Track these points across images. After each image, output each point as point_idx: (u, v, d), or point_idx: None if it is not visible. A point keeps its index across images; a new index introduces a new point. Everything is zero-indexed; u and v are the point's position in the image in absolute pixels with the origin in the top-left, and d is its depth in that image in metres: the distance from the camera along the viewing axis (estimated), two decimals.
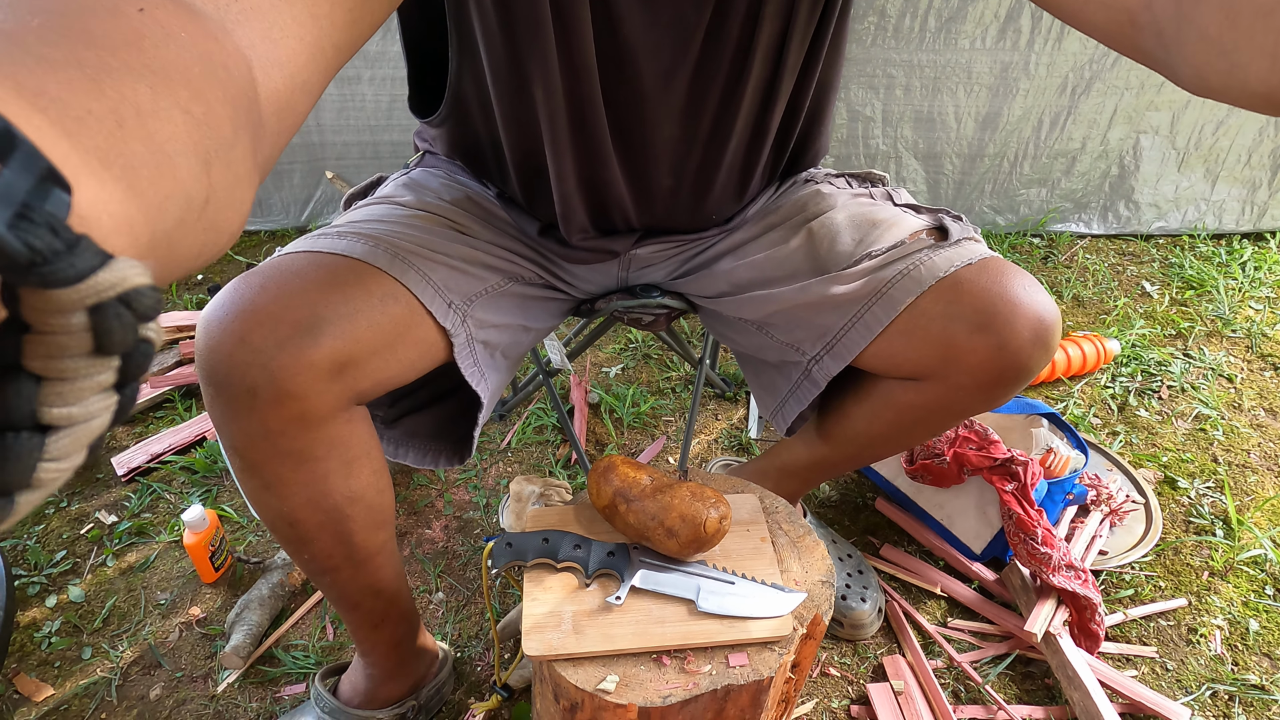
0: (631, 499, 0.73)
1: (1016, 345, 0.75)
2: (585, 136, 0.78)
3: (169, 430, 1.50)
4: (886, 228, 0.86)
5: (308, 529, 0.74)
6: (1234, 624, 1.20)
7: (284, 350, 0.62)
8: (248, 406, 0.64)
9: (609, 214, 0.88)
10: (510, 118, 0.80)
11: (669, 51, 0.74)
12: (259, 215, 2.19)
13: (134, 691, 1.10)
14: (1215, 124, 2.06)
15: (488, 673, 1.11)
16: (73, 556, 1.29)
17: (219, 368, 0.63)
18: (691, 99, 0.78)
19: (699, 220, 0.93)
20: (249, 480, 0.70)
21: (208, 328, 0.64)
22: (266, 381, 0.62)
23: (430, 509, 1.38)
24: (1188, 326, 1.84)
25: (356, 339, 0.67)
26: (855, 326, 0.81)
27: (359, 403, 0.72)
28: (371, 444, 0.75)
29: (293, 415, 0.65)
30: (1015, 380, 0.78)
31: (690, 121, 0.80)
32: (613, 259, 0.94)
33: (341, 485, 0.73)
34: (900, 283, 0.79)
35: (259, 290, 0.64)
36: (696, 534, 0.71)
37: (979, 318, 0.75)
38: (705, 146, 0.83)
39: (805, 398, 0.88)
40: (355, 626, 0.90)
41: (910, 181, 2.13)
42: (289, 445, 0.67)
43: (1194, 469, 1.47)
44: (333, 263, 0.70)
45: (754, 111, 0.82)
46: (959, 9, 1.88)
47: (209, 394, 0.65)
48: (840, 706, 1.08)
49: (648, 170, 0.83)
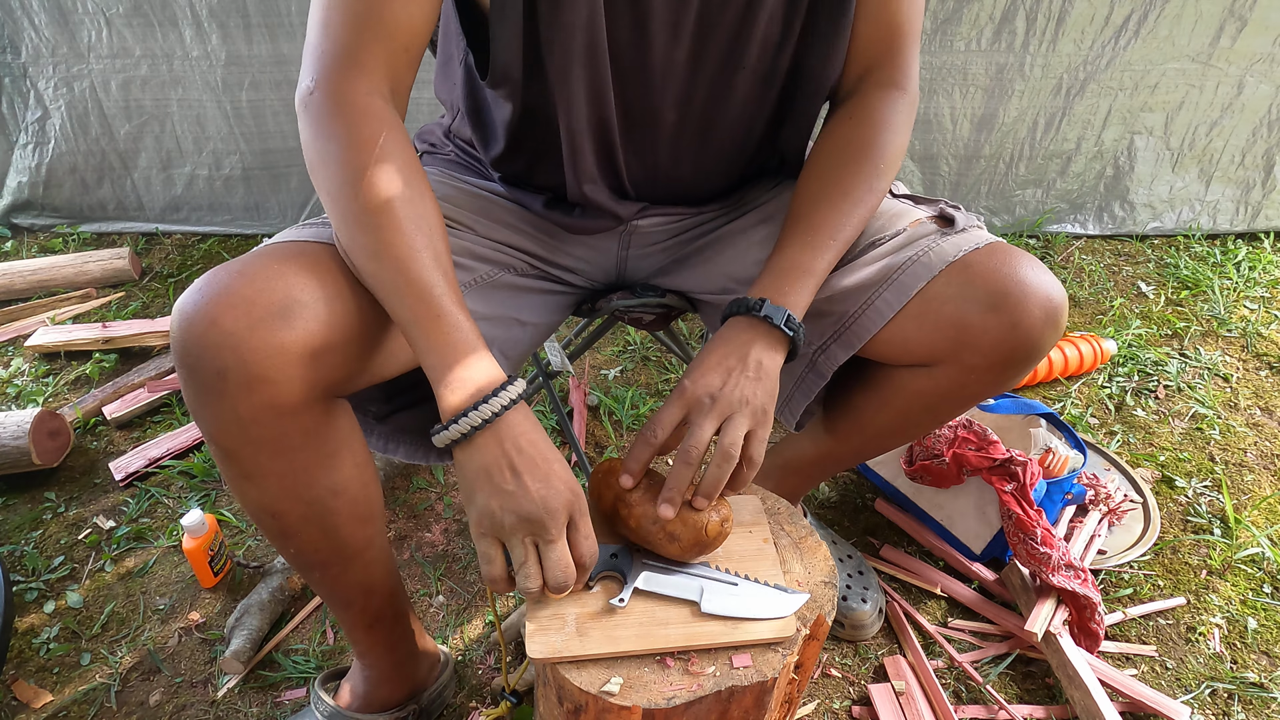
0: (633, 503, 0.73)
1: (1029, 324, 0.75)
2: (593, 59, 0.77)
3: (167, 435, 1.49)
4: (889, 218, 0.86)
5: (291, 521, 0.74)
6: (1232, 622, 1.21)
7: (255, 334, 0.62)
8: (219, 390, 0.63)
9: (613, 158, 0.86)
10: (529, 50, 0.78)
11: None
12: (256, 219, 2.19)
13: (133, 697, 1.09)
14: (1209, 125, 2.07)
15: (489, 676, 1.11)
16: (71, 562, 1.28)
17: (190, 351, 0.63)
18: (702, 23, 0.78)
19: (700, 182, 0.92)
20: (228, 469, 0.70)
21: (182, 312, 0.64)
22: (237, 364, 0.62)
23: (430, 512, 1.38)
24: (1183, 326, 1.85)
25: (333, 325, 0.66)
26: (866, 313, 0.81)
27: (338, 393, 0.71)
28: (353, 437, 0.75)
29: (264, 401, 0.64)
30: (1027, 360, 0.78)
31: (699, 47, 0.79)
32: (615, 228, 0.93)
33: (323, 477, 0.72)
34: (910, 268, 0.80)
35: (236, 275, 0.64)
36: (698, 537, 0.71)
37: (991, 298, 0.76)
38: (713, 81, 0.82)
39: (811, 390, 0.88)
40: (349, 626, 0.90)
41: (907, 183, 2.14)
42: (262, 433, 0.66)
43: (1191, 468, 1.48)
44: (315, 251, 0.70)
45: (767, 52, 0.81)
46: (954, 11, 1.89)
47: (182, 377, 0.65)
48: (842, 707, 1.09)
49: (652, 100, 0.82)
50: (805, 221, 0.81)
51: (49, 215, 2.18)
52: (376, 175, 0.67)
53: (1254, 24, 1.92)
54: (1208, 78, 2.00)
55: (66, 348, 1.70)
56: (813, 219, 0.80)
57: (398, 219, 0.67)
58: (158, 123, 2.05)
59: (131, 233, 2.19)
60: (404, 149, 0.70)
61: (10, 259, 2.06)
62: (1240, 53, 1.96)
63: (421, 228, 0.68)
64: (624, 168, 0.88)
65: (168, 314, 1.86)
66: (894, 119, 0.84)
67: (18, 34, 1.94)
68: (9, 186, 2.14)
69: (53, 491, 1.40)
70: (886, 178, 0.83)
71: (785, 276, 0.78)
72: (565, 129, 0.82)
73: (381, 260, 0.67)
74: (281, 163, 2.11)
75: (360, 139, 0.68)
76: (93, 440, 1.51)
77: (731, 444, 0.70)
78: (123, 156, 2.10)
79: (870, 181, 0.82)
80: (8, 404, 1.60)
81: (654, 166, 0.89)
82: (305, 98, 0.70)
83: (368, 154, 0.67)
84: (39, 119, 2.05)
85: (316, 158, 0.70)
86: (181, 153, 2.09)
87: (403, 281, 0.66)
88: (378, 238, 0.67)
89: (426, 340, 0.66)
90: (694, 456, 0.70)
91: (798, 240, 0.80)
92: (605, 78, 0.78)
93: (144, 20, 1.90)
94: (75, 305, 1.89)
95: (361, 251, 0.68)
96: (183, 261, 2.08)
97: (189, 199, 2.16)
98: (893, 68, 0.85)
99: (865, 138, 0.83)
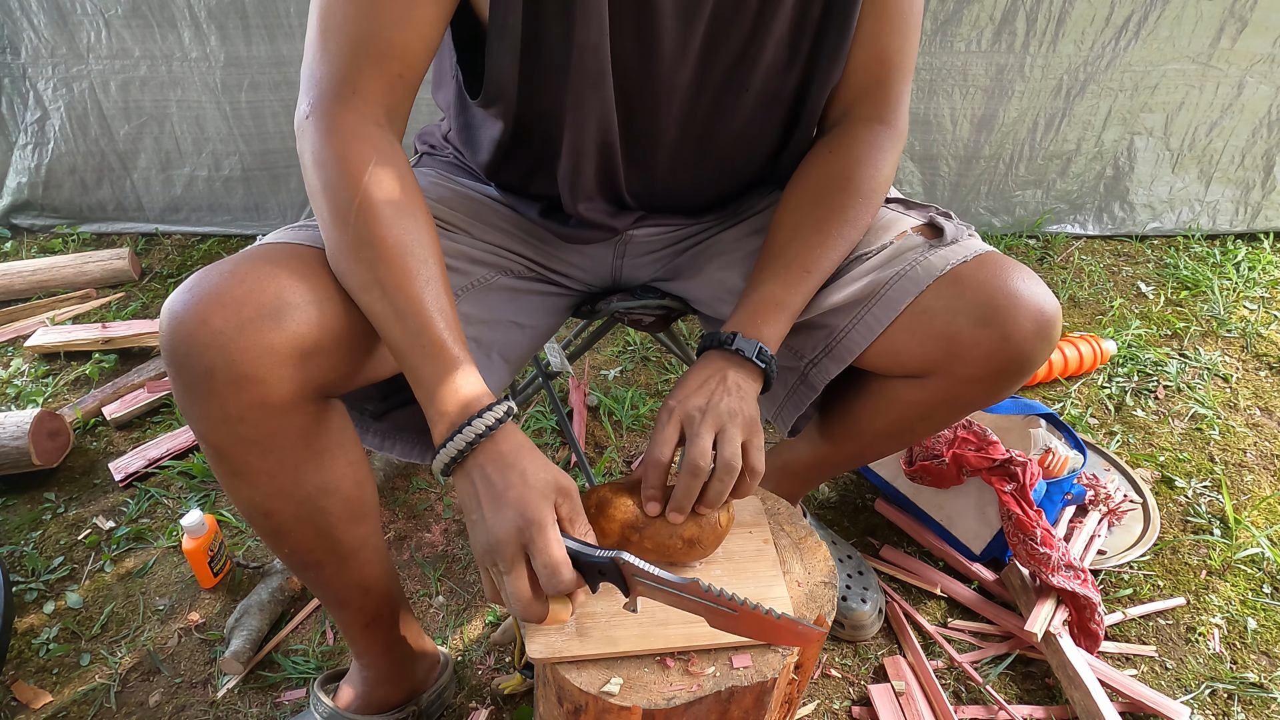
0: (641, 527, 0.73)
1: (1020, 337, 0.75)
2: (601, 80, 0.77)
3: (166, 435, 1.49)
4: (877, 230, 0.86)
5: (283, 520, 0.74)
6: (1232, 622, 1.21)
7: (243, 333, 0.62)
8: (207, 389, 0.63)
9: (614, 176, 0.86)
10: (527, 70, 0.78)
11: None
12: (256, 219, 2.19)
13: (133, 698, 1.09)
14: (1209, 125, 2.07)
15: (489, 676, 1.11)
16: (70, 562, 1.28)
17: (179, 349, 0.63)
18: (708, 45, 0.78)
19: (697, 195, 0.92)
20: (218, 468, 0.70)
21: (171, 311, 0.64)
22: (224, 364, 0.62)
23: (430, 512, 1.38)
24: (1183, 327, 1.85)
25: (323, 327, 0.66)
26: (856, 328, 0.82)
27: (329, 394, 0.71)
28: (346, 436, 0.75)
29: (253, 400, 0.64)
30: (1019, 373, 0.78)
31: (705, 68, 0.79)
32: (611, 239, 0.93)
33: (314, 476, 0.72)
34: (899, 283, 0.80)
35: (226, 275, 0.64)
36: (716, 532, 0.73)
37: (982, 311, 0.75)
38: (716, 102, 0.82)
39: (802, 402, 0.88)
40: (346, 626, 0.90)
41: (906, 184, 2.14)
42: (250, 432, 0.66)
43: (1191, 468, 1.48)
44: (307, 254, 0.70)
45: (772, 75, 0.81)
46: (954, 12, 1.89)
47: (171, 376, 0.65)
48: (842, 707, 1.08)
49: (654, 119, 0.82)
50: (782, 256, 0.81)
51: (49, 216, 2.18)
52: (367, 206, 0.67)
53: (1254, 25, 1.92)
54: (1208, 78, 2.00)
55: (66, 348, 1.70)
56: (788, 254, 0.81)
57: (389, 251, 0.66)
58: (157, 123, 2.05)
59: (131, 233, 2.19)
60: (397, 175, 0.69)
61: (10, 259, 2.06)
62: (1240, 53, 1.96)
63: (412, 254, 0.67)
64: (623, 184, 0.88)
65: None
66: (877, 155, 0.83)
67: (17, 34, 1.94)
68: (9, 187, 2.14)
69: (52, 492, 1.40)
70: (868, 212, 0.83)
71: (759, 310, 0.79)
72: (569, 149, 0.81)
73: (370, 292, 0.67)
74: (281, 163, 2.11)
75: (351, 169, 0.67)
76: (92, 441, 1.51)
77: (733, 455, 0.70)
78: (122, 157, 2.10)
79: (850, 216, 0.82)
80: (7, 404, 1.60)
81: (652, 181, 0.89)
82: (302, 123, 0.70)
83: (357, 183, 0.67)
84: (38, 120, 2.05)
85: (311, 185, 0.70)
86: (181, 153, 2.09)
87: (391, 313, 0.66)
88: (370, 270, 0.66)
89: (414, 373, 0.67)
90: (700, 467, 0.70)
91: (773, 274, 0.80)
92: (611, 99, 0.78)
93: (143, 21, 1.90)
94: (75, 306, 1.89)
95: (352, 280, 0.68)
96: (182, 262, 2.08)
97: (188, 199, 2.16)
98: (880, 102, 0.85)
99: (846, 172, 0.83)
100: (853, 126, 0.85)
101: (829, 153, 0.85)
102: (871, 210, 0.83)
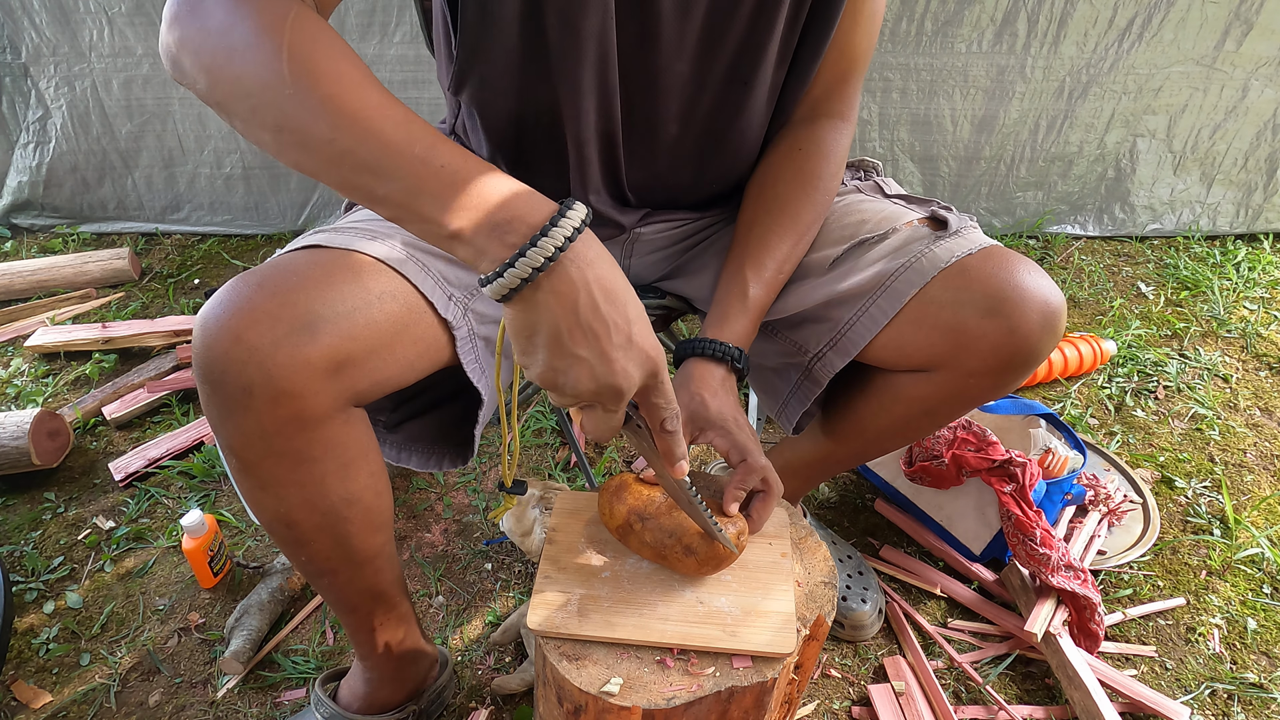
0: (647, 517, 0.72)
1: (1027, 329, 0.75)
2: (604, 67, 0.77)
3: (166, 435, 1.49)
4: (881, 218, 0.87)
5: (305, 530, 0.74)
6: (1232, 623, 1.21)
7: (280, 349, 0.62)
8: (244, 405, 0.63)
9: (616, 167, 0.86)
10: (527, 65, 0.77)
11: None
12: (256, 220, 2.19)
13: (133, 698, 1.09)
14: (1212, 128, 2.07)
15: (489, 676, 1.11)
16: (70, 562, 1.28)
17: (215, 366, 0.62)
18: (707, 37, 0.78)
19: (700, 188, 0.92)
20: (245, 480, 0.70)
21: (204, 326, 0.63)
22: (263, 380, 0.62)
23: (430, 513, 1.38)
24: (1183, 327, 1.85)
25: (354, 337, 0.66)
26: (861, 320, 0.82)
27: (357, 404, 0.71)
28: (369, 446, 0.75)
29: (289, 415, 0.64)
30: (1025, 365, 0.78)
31: (704, 60, 0.79)
32: (619, 236, 0.94)
33: (339, 487, 0.72)
34: (904, 275, 0.80)
35: (256, 288, 0.64)
36: (715, 551, 0.70)
37: (988, 302, 0.75)
38: (716, 94, 0.82)
39: (807, 397, 0.88)
40: (353, 629, 0.90)
41: (907, 184, 2.14)
42: (284, 445, 0.66)
43: (1191, 468, 1.48)
44: (330, 260, 0.70)
45: (770, 68, 0.82)
46: (955, 12, 1.89)
47: (205, 392, 0.65)
48: (841, 707, 1.08)
49: (655, 109, 0.82)
50: (755, 256, 0.85)
51: (49, 215, 2.18)
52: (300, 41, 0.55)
53: (1259, 28, 1.92)
54: (1212, 81, 2.00)
55: (66, 348, 1.70)
56: (763, 253, 0.85)
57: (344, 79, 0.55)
58: (159, 121, 2.05)
59: (131, 233, 2.19)
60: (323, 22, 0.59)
61: (10, 259, 2.06)
62: (1245, 56, 1.96)
63: (372, 81, 0.57)
64: (625, 176, 0.88)
65: (167, 314, 1.86)
66: (838, 152, 0.88)
67: (18, 34, 1.94)
68: (9, 186, 2.15)
69: (52, 492, 1.40)
70: (828, 205, 0.88)
71: (730, 310, 0.83)
72: (573, 138, 0.82)
73: (339, 129, 0.54)
74: (280, 164, 2.11)
75: (274, 14, 0.56)
76: (92, 440, 1.51)
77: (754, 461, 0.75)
78: (124, 156, 2.10)
79: (820, 213, 0.88)
80: (7, 404, 1.60)
81: (654, 174, 0.89)
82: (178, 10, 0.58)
83: (282, 26, 0.55)
84: (40, 118, 2.05)
85: (222, 56, 0.56)
86: (183, 151, 2.09)
87: (377, 144, 0.55)
88: (328, 107, 0.54)
89: (435, 198, 0.54)
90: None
91: (746, 274, 0.84)
92: (614, 87, 0.78)
93: (145, 19, 1.90)
94: (75, 305, 1.89)
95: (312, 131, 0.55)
96: (182, 262, 2.08)
97: (190, 198, 2.16)
98: (841, 98, 0.89)
99: (817, 171, 0.87)
100: (818, 124, 0.89)
101: (798, 151, 0.88)
102: (831, 201, 0.89)
